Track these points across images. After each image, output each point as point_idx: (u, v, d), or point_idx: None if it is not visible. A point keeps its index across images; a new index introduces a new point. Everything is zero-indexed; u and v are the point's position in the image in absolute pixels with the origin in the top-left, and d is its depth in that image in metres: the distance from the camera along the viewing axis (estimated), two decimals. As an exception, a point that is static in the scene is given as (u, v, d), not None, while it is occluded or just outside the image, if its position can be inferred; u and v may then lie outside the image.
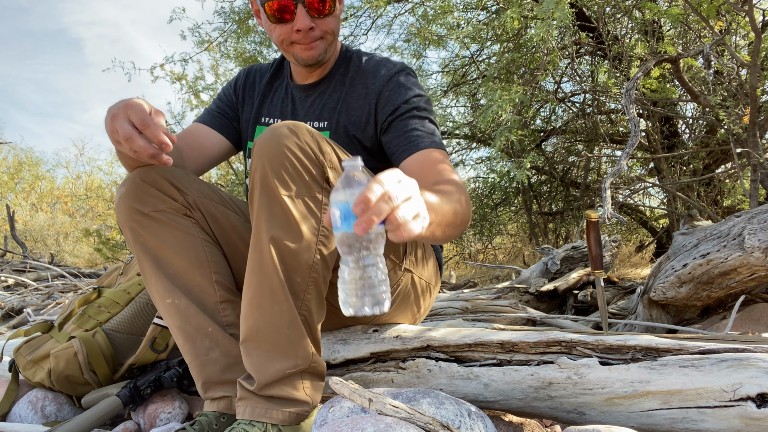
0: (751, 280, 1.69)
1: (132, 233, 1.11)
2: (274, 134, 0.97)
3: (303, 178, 0.96)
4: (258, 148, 0.97)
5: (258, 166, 0.96)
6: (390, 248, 1.13)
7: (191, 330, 1.09)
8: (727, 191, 4.18)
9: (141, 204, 1.10)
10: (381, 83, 1.26)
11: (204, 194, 1.19)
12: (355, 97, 1.28)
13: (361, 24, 4.66)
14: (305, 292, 0.98)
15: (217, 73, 6.07)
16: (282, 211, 0.95)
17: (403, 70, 1.29)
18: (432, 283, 1.34)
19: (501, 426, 1.13)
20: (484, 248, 6.81)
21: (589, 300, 2.59)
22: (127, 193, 1.11)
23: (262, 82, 1.42)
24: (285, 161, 0.95)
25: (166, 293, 1.10)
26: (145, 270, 1.12)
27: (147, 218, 1.10)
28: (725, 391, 0.85)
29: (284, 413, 0.96)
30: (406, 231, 0.69)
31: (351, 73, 1.31)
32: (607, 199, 2.04)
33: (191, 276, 1.11)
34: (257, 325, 0.96)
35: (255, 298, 0.97)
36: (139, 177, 1.12)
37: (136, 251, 1.12)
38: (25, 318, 2.65)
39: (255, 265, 0.97)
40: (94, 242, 7.30)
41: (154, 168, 1.14)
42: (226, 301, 1.13)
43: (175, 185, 1.14)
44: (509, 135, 2.85)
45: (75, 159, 17.40)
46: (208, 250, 1.14)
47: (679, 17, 2.87)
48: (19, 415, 1.30)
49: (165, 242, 1.11)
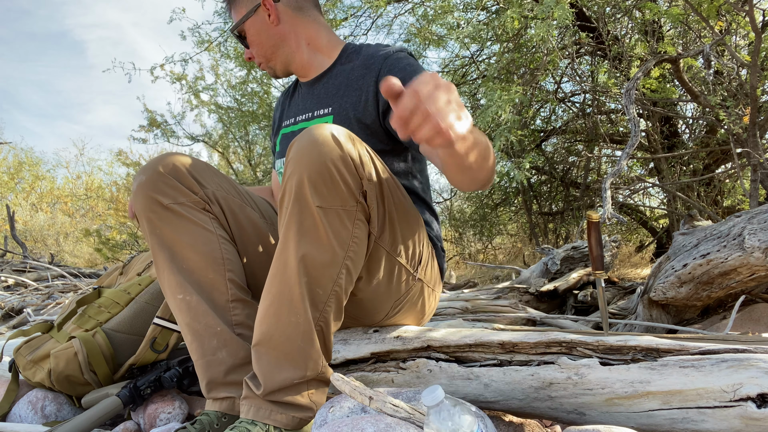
0: (751, 280, 1.69)
1: (149, 224, 1.10)
2: (316, 141, 0.91)
3: (340, 190, 0.92)
4: (297, 153, 0.92)
5: (295, 173, 0.92)
6: (404, 256, 1.12)
7: (200, 328, 1.09)
8: (727, 191, 4.17)
9: (161, 195, 1.09)
10: (379, 61, 1.25)
11: (223, 188, 1.18)
12: (355, 78, 1.28)
13: (361, 24, 4.67)
14: (325, 305, 0.97)
15: (217, 73, 6.07)
16: (313, 223, 0.92)
17: (402, 50, 1.29)
18: (435, 287, 1.34)
19: (501, 426, 1.13)
20: (484, 248, 6.82)
21: (589, 300, 2.59)
22: (146, 183, 1.09)
23: (286, 96, 1.51)
24: (324, 171, 0.90)
25: (177, 288, 1.09)
26: (159, 263, 1.11)
27: (165, 210, 1.09)
28: (725, 392, 0.85)
29: (288, 417, 0.96)
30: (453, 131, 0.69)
31: (353, 61, 1.32)
32: (607, 199, 2.04)
33: (205, 273, 1.10)
34: (271, 332, 0.95)
35: (273, 306, 0.95)
36: (160, 166, 1.10)
37: (152, 243, 1.11)
38: (25, 318, 2.65)
39: (278, 272, 0.95)
40: (94, 242, 7.30)
41: (175, 157, 1.12)
42: (237, 300, 1.13)
43: (195, 178, 1.13)
44: (509, 135, 2.85)
45: (75, 159, 17.43)
46: (223, 248, 1.13)
47: (679, 17, 2.86)
48: (19, 415, 1.30)
49: (181, 236, 1.10)
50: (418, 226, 1.16)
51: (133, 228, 7.32)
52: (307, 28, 1.36)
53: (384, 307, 1.19)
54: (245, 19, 1.32)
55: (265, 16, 1.32)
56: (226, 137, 6.67)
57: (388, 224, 1.04)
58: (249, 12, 1.32)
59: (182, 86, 5.89)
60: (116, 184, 9.81)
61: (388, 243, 1.06)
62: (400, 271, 1.12)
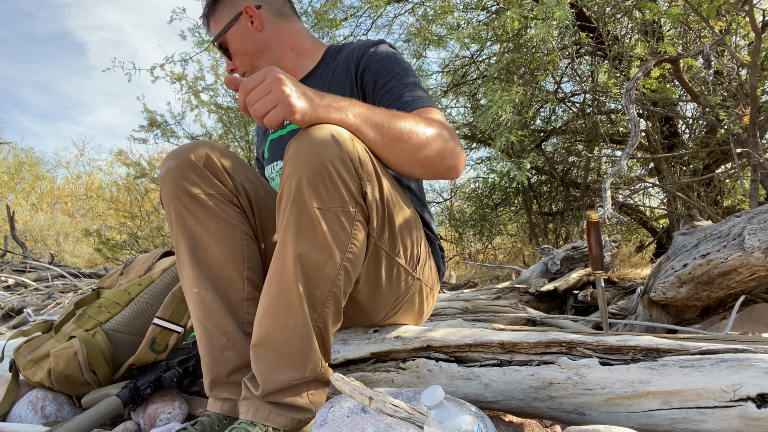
0: (751, 280, 1.69)
1: (175, 212, 1.08)
2: (315, 141, 0.90)
3: (339, 191, 0.91)
4: (296, 154, 0.91)
5: (294, 174, 0.91)
6: (403, 256, 1.12)
7: (210, 325, 1.08)
8: (727, 191, 4.18)
9: (190, 183, 1.07)
10: (360, 54, 1.28)
11: (250, 180, 1.17)
12: (339, 74, 1.31)
13: (361, 24, 4.67)
14: (323, 306, 0.96)
15: (217, 73, 6.07)
16: (311, 224, 0.91)
17: (382, 42, 1.31)
18: (434, 287, 1.34)
19: (501, 426, 1.13)
20: (484, 248, 6.82)
21: (589, 300, 2.59)
22: (176, 169, 1.07)
23: None
24: (324, 172, 0.89)
25: (194, 282, 1.09)
26: (180, 253, 1.10)
27: (193, 200, 1.08)
28: (725, 392, 0.85)
29: (287, 418, 0.96)
30: (256, 112, 0.89)
31: (337, 59, 1.35)
32: (607, 199, 2.04)
33: (223, 268, 1.10)
34: (269, 334, 0.95)
35: (271, 307, 0.95)
36: (192, 154, 1.08)
37: (175, 231, 1.10)
38: (25, 318, 2.65)
39: (276, 274, 0.94)
40: (94, 242, 7.30)
41: (207, 146, 1.11)
42: (253, 299, 1.12)
43: (226, 169, 1.12)
44: (509, 135, 2.85)
45: (75, 159, 17.38)
46: (246, 244, 1.13)
47: (679, 17, 2.86)
48: (19, 415, 1.30)
49: (206, 228, 1.09)
50: (417, 226, 1.16)
51: (133, 228, 7.32)
52: (291, 33, 1.38)
53: (383, 308, 1.19)
54: (227, 29, 1.33)
55: (247, 24, 1.33)
56: (226, 137, 6.67)
57: (388, 225, 1.03)
58: (231, 21, 1.32)
59: (182, 86, 5.88)
60: (116, 184, 9.80)
61: (388, 243, 1.06)
62: (399, 271, 1.12)
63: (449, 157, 1.06)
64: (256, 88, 0.89)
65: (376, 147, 1.00)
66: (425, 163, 1.04)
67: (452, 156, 1.07)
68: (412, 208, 1.15)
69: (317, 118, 0.93)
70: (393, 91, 1.20)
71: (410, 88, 1.20)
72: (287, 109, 0.88)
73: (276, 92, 0.88)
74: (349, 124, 0.96)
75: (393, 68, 1.24)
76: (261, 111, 0.89)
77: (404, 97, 1.18)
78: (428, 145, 1.03)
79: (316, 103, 0.93)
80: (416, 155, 1.02)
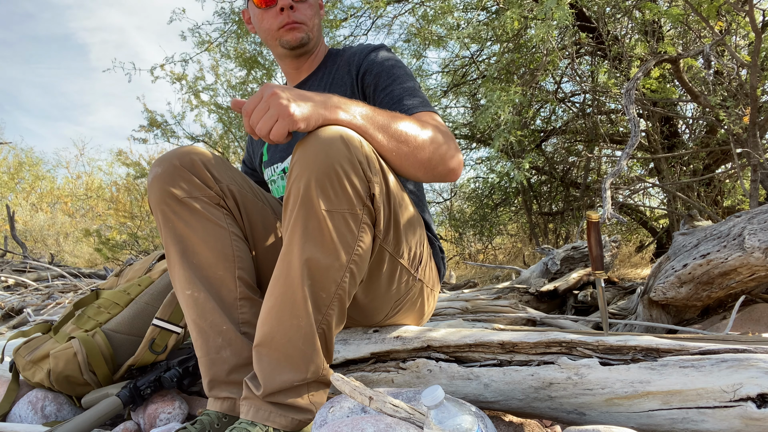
0: (751, 281, 1.69)
1: (163, 217, 1.09)
2: (323, 142, 0.90)
3: (347, 193, 0.91)
4: (304, 155, 0.91)
5: (302, 176, 0.91)
6: (405, 257, 1.12)
7: (205, 326, 1.08)
8: (727, 191, 4.18)
9: (176, 188, 1.08)
10: (361, 57, 1.31)
11: (237, 182, 1.18)
12: (340, 76, 1.33)
13: (361, 24, 4.67)
14: (328, 308, 0.96)
15: (217, 73, 6.07)
16: (318, 226, 0.91)
17: (382, 47, 1.33)
18: (434, 287, 1.34)
19: (501, 426, 1.13)
20: (484, 248, 6.82)
21: (589, 300, 2.59)
22: (162, 175, 1.08)
23: None
24: (332, 174, 0.89)
25: (186, 284, 1.09)
26: (170, 256, 1.11)
27: (180, 204, 1.09)
28: (725, 392, 0.85)
29: (287, 419, 0.96)
30: (261, 130, 0.90)
31: (337, 62, 1.38)
32: (607, 200, 2.04)
33: (215, 269, 1.10)
34: (272, 334, 0.95)
35: (275, 308, 0.95)
36: (176, 159, 1.10)
37: (165, 236, 1.11)
38: (25, 318, 2.65)
39: (281, 274, 0.94)
40: (94, 242, 7.30)
41: (192, 150, 1.12)
42: (246, 298, 1.12)
43: (211, 172, 1.13)
44: (508, 135, 2.85)
45: (75, 159, 17.40)
46: (235, 245, 1.13)
47: (679, 17, 2.86)
48: (19, 415, 1.30)
49: (194, 231, 1.09)
50: (419, 227, 1.17)
51: (133, 228, 7.32)
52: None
53: (384, 308, 1.19)
54: None
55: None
56: (226, 137, 6.67)
57: (393, 226, 1.04)
58: None
59: (182, 86, 5.89)
60: (116, 184, 9.81)
61: (392, 245, 1.06)
62: (401, 272, 1.13)
63: (448, 160, 1.08)
64: (256, 108, 0.90)
65: (382, 148, 1.00)
66: (427, 165, 1.05)
67: (451, 159, 1.09)
68: (415, 208, 1.15)
69: (325, 119, 0.93)
70: (393, 94, 1.21)
71: (410, 91, 1.22)
72: (288, 120, 0.89)
73: (274, 107, 0.88)
74: (357, 126, 0.96)
75: (394, 72, 1.25)
76: (265, 129, 0.89)
77: (404, 101, 1.20)
78: (428, 148, 1.04)
79: (322, 104, 0.93)
80: (417, 157, 1.03)
